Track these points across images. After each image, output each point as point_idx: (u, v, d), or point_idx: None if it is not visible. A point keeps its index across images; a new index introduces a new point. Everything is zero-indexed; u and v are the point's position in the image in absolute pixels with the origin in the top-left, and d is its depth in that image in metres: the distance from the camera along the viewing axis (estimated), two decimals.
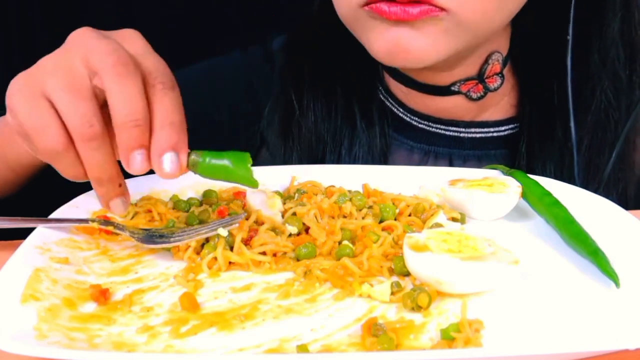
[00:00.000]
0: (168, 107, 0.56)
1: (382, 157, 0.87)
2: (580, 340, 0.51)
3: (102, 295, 0.55)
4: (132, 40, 0.58)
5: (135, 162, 0.56)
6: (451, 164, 0.86)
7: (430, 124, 0.86)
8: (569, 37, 0.78)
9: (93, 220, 0.64)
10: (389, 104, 0.88)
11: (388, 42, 0.70)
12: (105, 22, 1.33)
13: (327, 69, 0.87)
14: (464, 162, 0.86)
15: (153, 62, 0.57)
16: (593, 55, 0.80)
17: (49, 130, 0.55)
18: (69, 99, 0.54)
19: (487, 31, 0.73)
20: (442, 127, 0.86)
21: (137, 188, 0.73)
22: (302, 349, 0.49)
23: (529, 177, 0.72)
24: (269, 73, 0.92)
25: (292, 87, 0.88)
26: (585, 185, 0.78)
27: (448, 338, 0.50)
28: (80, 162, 0.56)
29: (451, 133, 0.86)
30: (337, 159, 0.86)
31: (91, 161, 0.56)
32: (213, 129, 0.89)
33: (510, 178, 0.72)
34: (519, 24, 0.80)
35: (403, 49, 0.70)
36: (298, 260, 0.61)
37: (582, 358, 0.49)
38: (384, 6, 0.67)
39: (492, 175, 0.75)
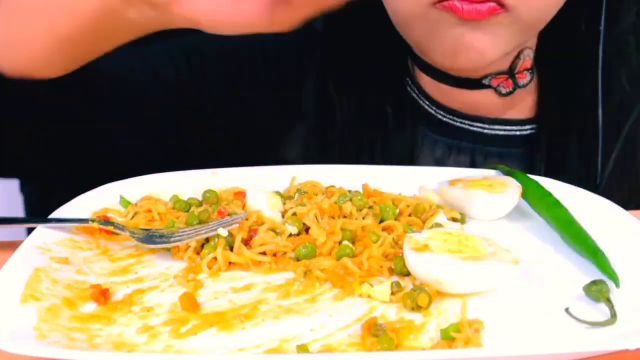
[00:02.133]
0: None
1: (412, 151, 0.87)
2: (580, 340, 0.51)
3: (102, 295, 0.55)
4: None
5: None
6: (473, 160, 0.87)
7: (455, 118, 0.87)
8: (601, 27, 0.79)
9: (93, 220, 0.64)
10: (415, 95, 0.88)
11: (453, 39, 0.72)
12: None
13: (361, 57, 0.87)
14: (486, 158, 0.87)
15: None
16: (615, 50, 0.81)
17: None
18: None
19: (541, 27, 0.75)
20: (467, 122, 0.87)
21: (137, 188, 0.73)
22: (302, 349, 0.49)
23: (529, 177, 0.72)
24: (305, 45, 0.90)
25: (329, 79, 0.88)
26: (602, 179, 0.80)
27: (448, 338, 0.50)
28: None
29: (476, 129, 0.86)
30: (372, 152, 0.86)
31: None
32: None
33: (510, 178, 0.72)
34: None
35: (466, 46, 0.72)
36: (298, 260, 0.61)
37: (582, 358, 0.49)
38: (457, 3, 0.69)
39: (492, 175, 0.75)
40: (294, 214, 0.66)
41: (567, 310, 0.53)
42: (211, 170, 0.76)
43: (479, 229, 0.63)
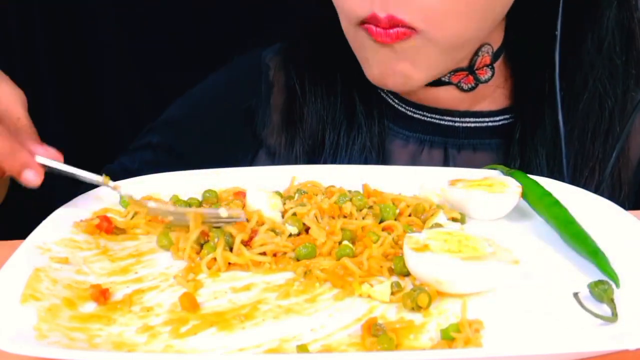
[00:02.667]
0: None
1: (380, 147, 0.88)
2: (580, 340, 0.51)
3: (102, 295, 0.55)
4: None
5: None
6: (446, 153, 0.87)
7: (425, 113, 0.88)
8: (557, 32, 0.79)
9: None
10: (384, 95, 0.89)
11: (379, 64, 0.75)
12: (105, 21, 1.33)
13: (326, 62, 0.89)
14: (459, 151, 0.87)
15: None
16: (586, 44, 0.81)
17: None
18: None
19: (464, 42, 0.76)
20: (437, 116, 0.87)
21: (137, 188, 0.73)
22: (302, 349, 0.49)
23: (528, 177, 0.72)
24: (258, 80, 0.94)
25: (295, 79, 0.90)
26: (576, 172, 0.81)
27: (448, 338, 0.50)
28: None
29: (446, 122, 0.87)
30: (336, 148, 0.87)
31: None
32: (208, 143, 0.92)
33: (510, 178, 0.72)
34: (512, 16, 0.81)
35: (392, 71, 0.75)
36: (298, 260, 0.61)
37: (582, 358, 0.49)
38: (372, 27, 0.72)
39: (492, 175, 0.75)
40: (294, 214, 0.66)
41: (575, 295, 0.53)
42: (211, 170, 0.77)
43: (479, 229, 0.63)
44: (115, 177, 0.69)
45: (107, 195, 0.71)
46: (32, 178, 0.61)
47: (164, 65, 1.30)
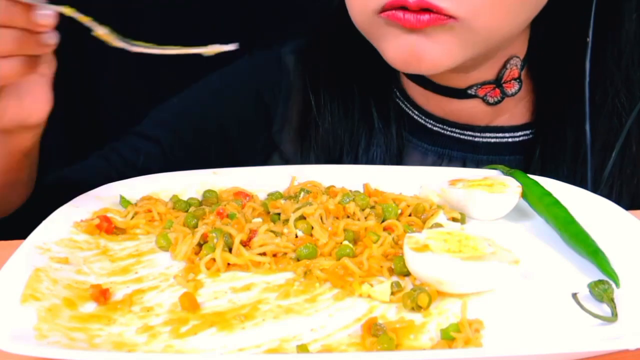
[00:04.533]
0: None
1: (398, 159, 0.86)
2: (580, 340, 0.51)
3: (102, 295, 0.55)
4: None
5: None
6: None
7: (445, 127, 0.86)
8: (589, 39, 0.77)
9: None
10: (404, 106, 0.88)
11: (403, 49, 0.72)
12: (105, 20, 1.32)
13: (343, 70, 0.87)
14: (477, 166, 0.85)
15: None
16: (607, 59, 0.80)
17: None
18: None
19: (500, 38, 0.74)
20: (458, 130, 0.86)
21: (137, 188, 0.73)
22: (302, 349, 0.49)
23: (529, 177, 0.72)
24: (277, 77, 0.92)
25: (309, 87, 0.88)
26: (597, 188, 0.79)
27: (448, 338, 0.50)
28: None
29: (466, 137, 0.86)
30: (354, 159, 0.86)
31: None
32: (223, 139, 0.90)
33: (510, 178, 0.72)
34: (537, 27, 0.80)
35: (417, 56, 0.72)
36: (298, 260, 0.61)
37: (582, 358, 0.49)
38: (399, 13, 0.69)
39: (492, 175, 0.75)
40: (302, 216, 0.65)
41: (574, 295, 0.53)
42: (211, 170, 0.77)
43: (479, 229, 0.63)
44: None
45: (107, 195, 0.71)
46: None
47: (164, 65, 1.30)
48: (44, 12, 0.59)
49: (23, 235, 0.60)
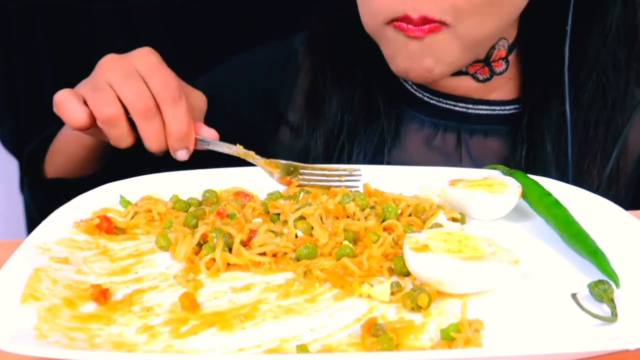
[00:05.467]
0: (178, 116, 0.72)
1: (397, 132, 0.92)
2: (580, 340, 0.51)
3: (102, 295, 0.55)
4: (144, 57, 0.73)
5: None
6: (459, 137, 0.91)
7: (440, 99, 0.92)
8: (567, 27, 0.84)
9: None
10: (403, 81, 0.94)
11: (406, 58, 0.79)
12: (106, 22, 1.33)
13: (348, 53, 0.93)
14: (471, 135, 0.91)
15: (161, 78, 0.72)
16: (592, 38, 0.86)
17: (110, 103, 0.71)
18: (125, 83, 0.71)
19: (486, 38, 0.80)
20: (452, 103, 0.91)
21: (137, 188, 0.73)
22: (302, 349, 0.49)
23: (529, 177, 0.72)
24: (285, 60, 0.99)
25: (319, 67, 0.95)
26: (580, 159, 0.86)
27: (448, 338, 0.50)
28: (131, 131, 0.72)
29: (460, 109, 0.91)
30: (354, 130, 0.91)
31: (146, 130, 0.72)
32: (234, 117, 0.95)
33: (510, 178, 0.72)
34: (526, 14, 0.84)
35: (416, 66, 0.79)
36: (298, 260, 0.61)
37: (582, 358, 0.49)
38: (404, 24, 0.76)
39: (492, 175, 0.75)
40: (302, 216, 0.65)
41: (573, 296, 0.53)
42: (211, 170, 0.77)
43: (479, 229, 0.63)
44: None
45: (107, 195, 0.71)
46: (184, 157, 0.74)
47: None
48: (182, 153, 0.74)
49: (23, 235, 0.60)
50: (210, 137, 0.75)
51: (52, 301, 0.53)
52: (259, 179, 0.75)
